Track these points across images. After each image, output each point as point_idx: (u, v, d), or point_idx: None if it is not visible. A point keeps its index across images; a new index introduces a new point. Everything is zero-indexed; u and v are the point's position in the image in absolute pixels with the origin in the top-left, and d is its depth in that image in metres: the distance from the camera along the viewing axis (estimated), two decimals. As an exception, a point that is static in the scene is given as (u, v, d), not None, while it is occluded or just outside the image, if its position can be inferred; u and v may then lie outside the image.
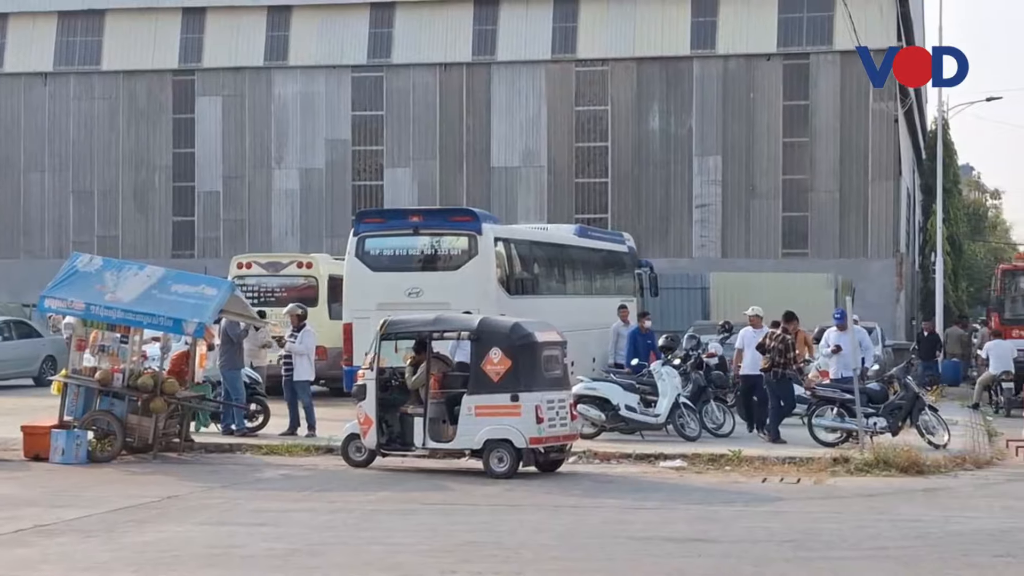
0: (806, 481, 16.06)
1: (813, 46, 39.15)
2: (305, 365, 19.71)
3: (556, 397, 16.49)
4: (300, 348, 19.70)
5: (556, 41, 40.66)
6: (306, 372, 19.70)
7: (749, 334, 20.28)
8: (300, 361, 19.69)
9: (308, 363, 19.77)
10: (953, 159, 52.19)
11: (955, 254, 48.37)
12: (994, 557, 11.26)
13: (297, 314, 20.05)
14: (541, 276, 24.96)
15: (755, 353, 19.76)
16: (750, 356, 20.00)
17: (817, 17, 39.10)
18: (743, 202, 39.51)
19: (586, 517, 13.42)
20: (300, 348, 19.70)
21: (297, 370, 19.63)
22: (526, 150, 40.85)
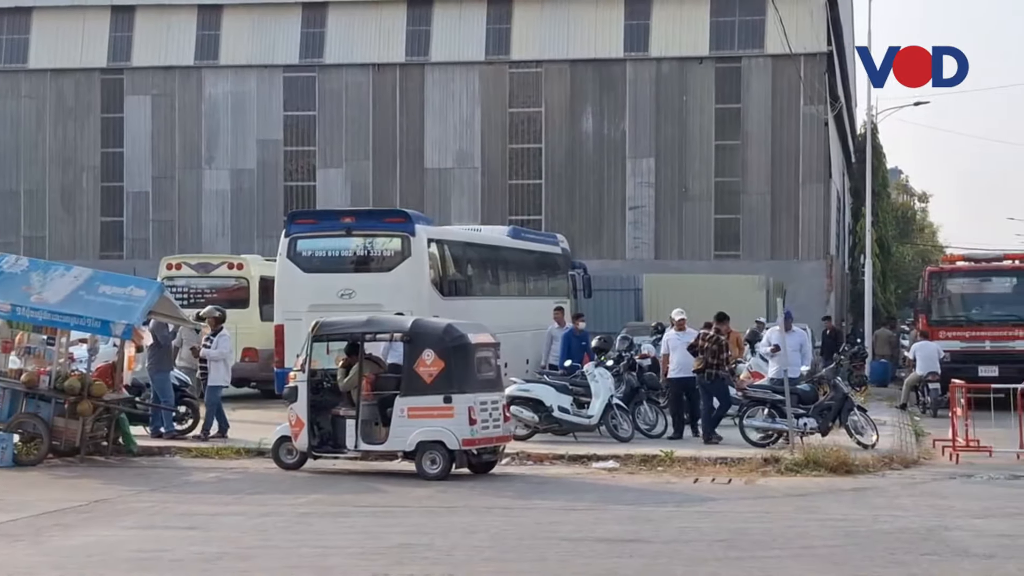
0: (737, 481, 16.17)
1: (745, 50, 39.47)
2: (220, 370, 19.56)
3: (489, 399, 16.49)
4: (214, 353, 19.53)
5: (490, 43, 40.67)
6: (220, 377, 19.55)
7: (674, 337, 20.18)
8: (216, 366, 19.53)
9: (224, 368, 19.62)
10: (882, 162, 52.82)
11: (884, 256, 48.93)
12: (921, 555, 11.40)
13: (215, 317, 19.88)
14: (475, 277, 24.92)
15: (683, 356, 19.72)
16: (677, 359, 19.89)
17: (749, 21, 39.42)
18: (676, 204, 39.74)
19: (519, 518, 13.41)
20: (214, 353, 19.53)
21: (211, 375, 19.48)
22: (460, 151, 40.82)
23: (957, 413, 19.41)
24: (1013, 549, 11.64)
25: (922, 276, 32.05)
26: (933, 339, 27.36)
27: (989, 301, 29.71)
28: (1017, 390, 18.98)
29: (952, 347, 27.36)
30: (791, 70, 38.12)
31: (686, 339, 19.79)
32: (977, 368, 26.29)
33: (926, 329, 28.26)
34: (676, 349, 19.93)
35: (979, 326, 28.59)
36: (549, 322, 24.76)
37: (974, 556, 11.35)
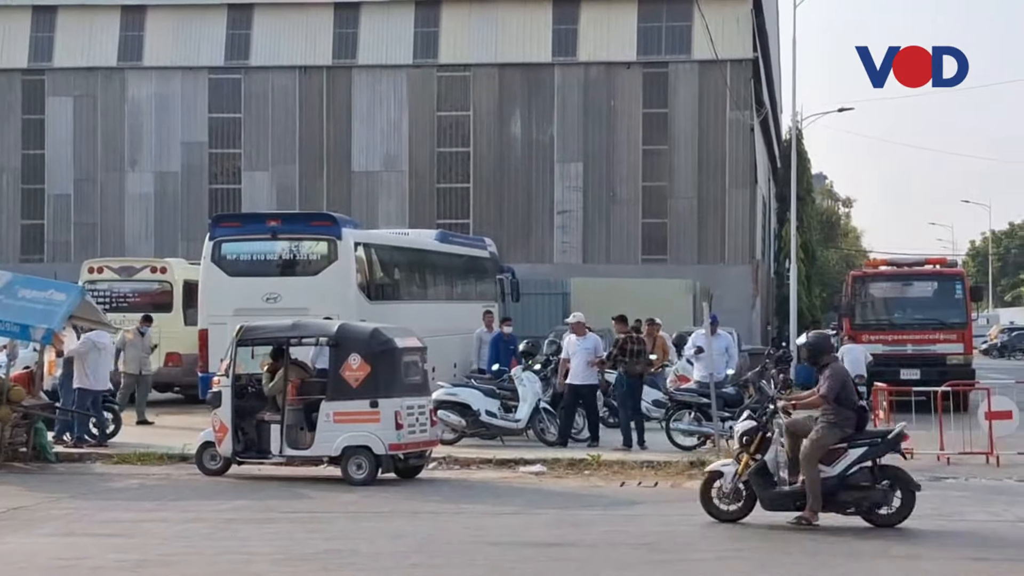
0: (664, 485, 16.21)
1: (672, 55, 39.71)
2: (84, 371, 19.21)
3: (416, 403, 16.42)
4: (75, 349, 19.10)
5: (418, 46, 40.57)
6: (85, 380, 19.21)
7: (573, 342, 19.44)
8: (78, 365, 19.21)
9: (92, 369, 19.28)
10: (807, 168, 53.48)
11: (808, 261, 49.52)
12: (845, 558, 11.50)
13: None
14: (402, 281, 24.82)
15: (582, 362, 19.15)
16: (577, 364, 19.18)
17: (676, 27, 39.68)
18: (604, 208, 39.88)
19: (445, 523, 13.36)
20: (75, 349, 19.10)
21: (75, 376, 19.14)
22: (387, 155, 40.67)
23: (879, 416, 19.62)
24: (934, 550, 11.78)
25: (846, 280, 32.42)
26: (857, 342, 27.66)
27: (911, 305, 30.12)
28: (937, 392, 19.23)
29: (875, 350, 27.67)
30: (718, 76, 38.43)
31: (586, 344, 19.24)
32: (899, 371, 26.61)
33: (849, 333, 28.57)
34: (575, 354, 19.25)
35: (901, 330, 28.96)
36: (477, 326, 24.72)
37: (895, 556, 11.48)
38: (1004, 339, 66.14)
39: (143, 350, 22.15)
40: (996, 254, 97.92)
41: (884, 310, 30.00)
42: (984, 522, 13.39)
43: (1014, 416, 18.87)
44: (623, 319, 19.85)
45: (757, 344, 36.97)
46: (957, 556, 11.49)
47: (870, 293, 29.99)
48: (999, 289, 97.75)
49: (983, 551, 11.77)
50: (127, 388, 22.15)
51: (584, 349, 19.20)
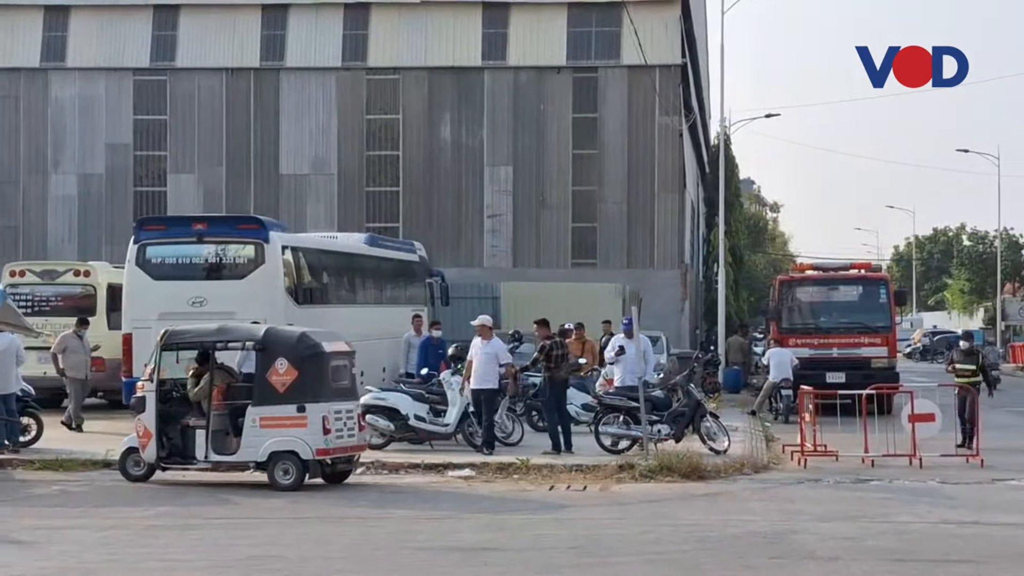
0: (592, 488, 16.26)
1: (601, 60, 39.83)
2: None
3: (344, 408, 16.34)
4: None
5: (347, 48, 40.34)
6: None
7: (477, 344, 19.14)
8: None
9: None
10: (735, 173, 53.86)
11: (736, 265, 49.82)
12: (769, 559, 11.57)
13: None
14: (330, 285, 24.65)
15: (483, 365, 18.90)
16: (477, 367, 18.91)
17: (605, 32, 39.80)
18: (534, 213, 39.91)
19: (373, 529, 13.29)
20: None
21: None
22: (316, 158, 40.41)
23: (805, 419, 19.83)
24: (857, 552, 11.89)
25: (773, 285, 32.71)
26: (784, 346, 27.91)
27: (837, 309, 30.46)
28: (862, 396, 19.46)
29: (801, 354, 27.94)
30: (647, 81, 38.60)
31: (489, 349, 19.01)
32: (825, 375, 26.87)
33: (776, 337, 28.82)
34: (476, 357, 18.96)
35: (827, 333, 29.27)
36: (406, 330, 24.62)
37: (819, 559, 11.56)
38: (927, 343, 67.20)
39: (85, 354, 21.83)
40: (920, 259, 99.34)
41: (810, 314, 30.31)
42: (907, 523, 13.55)
43: (936, 419, 19.15)
44: (545, 323, 19.85)
45: (686, 348, 37.17)
46: (880, 558, 11.60)
47: (796, 297, 30.30)
48: (922, 293, 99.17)
49: (906, 553, 11.90)
50: (79, 395, 21.86)
51: (485, 353, 18.92)
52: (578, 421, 20.80)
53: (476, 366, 18.87)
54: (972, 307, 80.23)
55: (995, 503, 15.09)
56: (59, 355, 21.55)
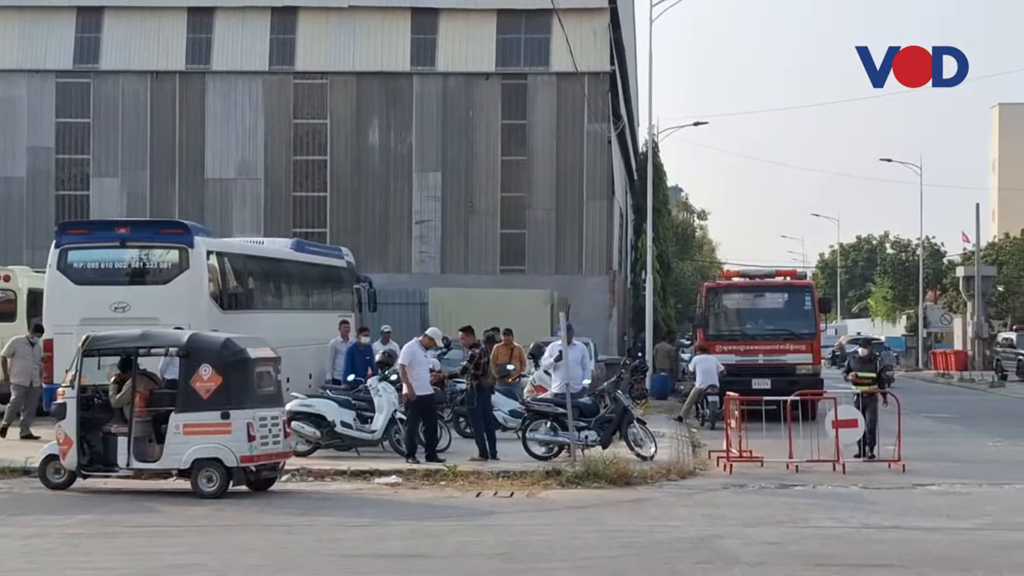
0: (519, 494, 16.23)
1: (530, 67, 39.90)
2: None
3: (269, 414, 16.22)
4: None
5: (274, 52, 40.07)
6: None
7: (419, 352, 18.94)
8: None
9: None
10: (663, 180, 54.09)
11: (664, 272, 50.11)
12: (694, 564, 11.62)
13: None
14: (256, 291, 24.43)
15: (423, 372, 18.81)
16: (421, 375, 18.77)
17: (534, 39, 39.87)
18: (462, 218, 39.87)
19: (298, 536, 13.17)
20: None
21: None
22: (242, 162, 40.07)
23: (731, 425, 19.95)
24: (781, 556, 11.97)
25: (700, 292, 32.91)
26: (710, 353, 28.07)
27: (762, 316, 30.69)
28: (787, 402, 19.61)
29: (728, 360, 28.11)
30: (576, 88, 38.73)
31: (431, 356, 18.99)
32: (751, 381, 27.06)
33: (703, 343, 28.97)
34: (420, 364, 18.80)
35: (753, 340, 29.47)
36: (333, 336, 24.47)
37: (744, 564, 11.63)
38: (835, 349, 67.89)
39: (34, 361, 21.44)
40: (844, 267, 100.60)
41: (736, 321, 30.52)
42: (831, 528, 13.67)
43: (859, 424, 19.35)
44: (470, 331, 19.80)
45: (613, 354, 37.31)
46: (804, 563, 11.69)
47: (723, 304, 30.49)
48: (847, 301, 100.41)
49: (829, 557, 12.00)
50: (18, 401, 21.48)
51: (431, 361, 19.00)
52: (505, 427, 20.79)
53: (420, 373, 18.76)
54: (895, 314, 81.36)
55: (916, 508, 15.28)
56: (8, 359, 21.33)
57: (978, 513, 14.80)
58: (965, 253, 63.65)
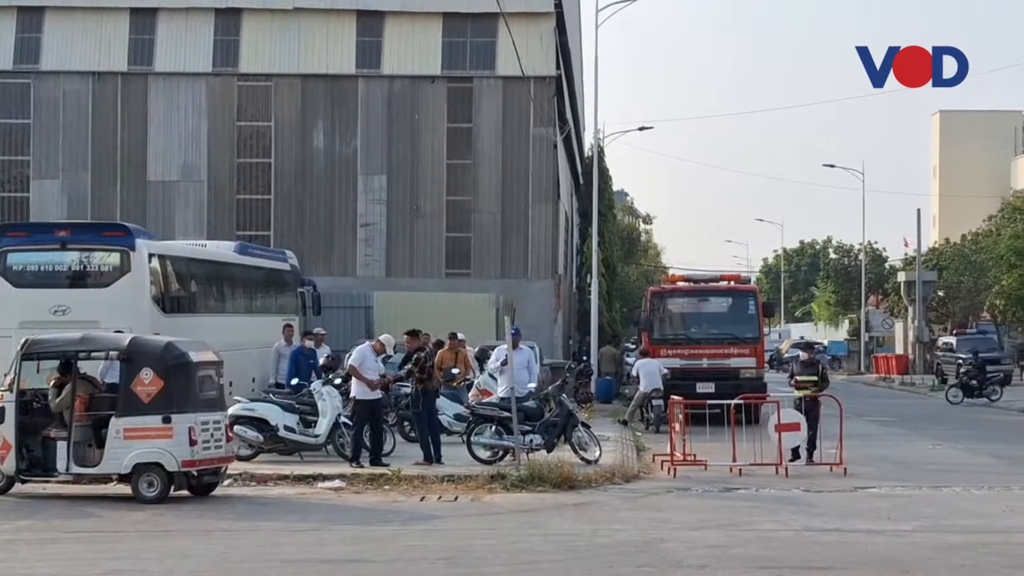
0: (464, 499, 16.21)
1: (476, 70, 39.90)
2: None
3: (211, 418, 16.12)
4: None
5: (217, 54, 39.80)
6: None
7: (371, 357, 18.95)
8: None
9: None
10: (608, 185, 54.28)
11: (610, 276, 50.26)
12: (637, 567, 11.64)
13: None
14: (199, 294, 24.22)
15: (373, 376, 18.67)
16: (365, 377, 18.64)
17: (480, 43, 39.88)
18: (407, 222, 39.78)
19: (239, 541, 13.07)
20: None
21: None
22: (185, 164, 39.76)
23: (675, 428, 20.02)
24: (724, 559, 12.03)
25: (645, 296, 33.03)
26: (655, 357, 28.15)
27: (707, 320, 30.85)
28: (731, 406, 19.71)
29: (672, 364, 28.23)
30: (522, 92, 38.78)
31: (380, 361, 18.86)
32: (695, 385, 27.18)
33: (648, 347, 29.07)
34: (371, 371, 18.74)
35: (697, 344, 29.61)
36: (277, 340, 24.32)
37: (687, 567, 11.67)
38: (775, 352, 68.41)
39: None
40: (787, 271, 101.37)
41: (681, 325, 30.65)
42: (773, 531, 13.75)
43: (802, 428, 19.48)
44: (416, 334, 19.74)
45: (559, 358, 37.39)
46: (746, 565, 11.75)
47: (668, 308, 30.61)
48: (790, 305, 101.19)
49: (771, 560, 12.06)
50: None
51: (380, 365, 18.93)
52: (450, 431, 20.75)
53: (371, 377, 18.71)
54: (838, 319, 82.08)
55: (857, 510, 15.40)
56: None
57: (917, 516, 14.94)
58: (906, 258, 64.34)
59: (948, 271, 60.52)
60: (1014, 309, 52.47)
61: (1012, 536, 13.50)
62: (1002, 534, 13.66)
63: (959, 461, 21.53)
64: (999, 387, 37.20)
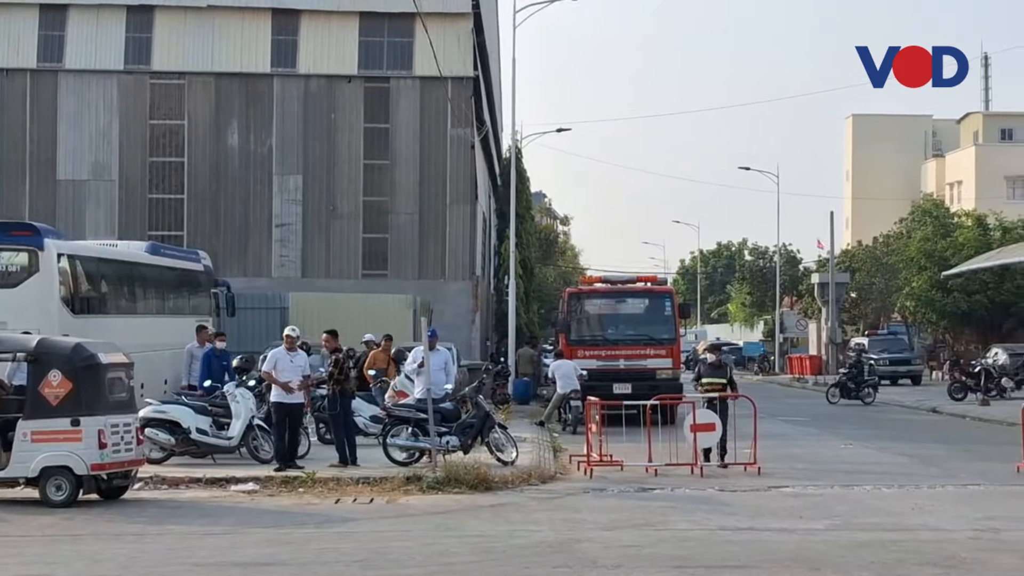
0: (379, 501, 16.11)
1: (393, 70, 39.75)
2: None
3: (121, 421, 15.89)
4: None
5: (130, 51, 39.24)
6: None
7: (284, 357, 18.63)
8: None
9: None
10: (526, 186, 54.38)
11: (527, 277, 50.34)
12: (552, 568, 11.62)
13: None
14: (110, 295, 23.85)
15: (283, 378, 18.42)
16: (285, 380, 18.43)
17: (397, 43, 39.72)
18: (324, 222, 39.51)
19: (150, 545, 12.87)
20: None
21: None
22: (96, 163, 39.14)
23: (592, 429, 20.06)
24: (638, 559, 12.05)
25: (562, 297, 33.07)
26: (572, 358, 28.20)
27: (623, 321, 30.94)
28: (647, 406, 19.78)
29: (590, 365, 28.29)
30: (439, 92, 38.70)
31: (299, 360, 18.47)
32: (612, 385, 27.26)
33: (565, 349, 29.11)
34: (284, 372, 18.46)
35: (614, 345, 29.68)
36: (189, 341, 24.00)
37: (602, 567, 11.67)
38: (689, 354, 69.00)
39: None
40: (704, 272, 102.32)
41: (598, 326, 30.71)
42: (687, 531, 13.81)
43: (717, 428, 19.61)
44: (335, 334, 19.56)
45: (476, 359, 37.35)
46: (661, 565, 11.77)
47: (585, 310, 30.66)
48: (706, 306, 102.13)
49: (685, 559, 12.10)
50: None
51: (298, 366, 18.60)
52: (366, 433, 20.62)
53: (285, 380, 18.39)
54: (753, 320, 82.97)
55: (769, 509, 15.53)
56: None
57: (829, 514, 15.10)
58: (820, 260, 65.21)
59: (860, 273, 61.44)
60: (924, 310, 53.43)
61: (920, 533, 13.69)
62: (911, 531, 13.85)
63: (871, 460, 21.82)
64: (872, 389, 38.11)
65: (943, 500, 16.50)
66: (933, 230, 55.26)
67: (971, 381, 37.83)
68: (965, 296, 50.94)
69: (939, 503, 16.19)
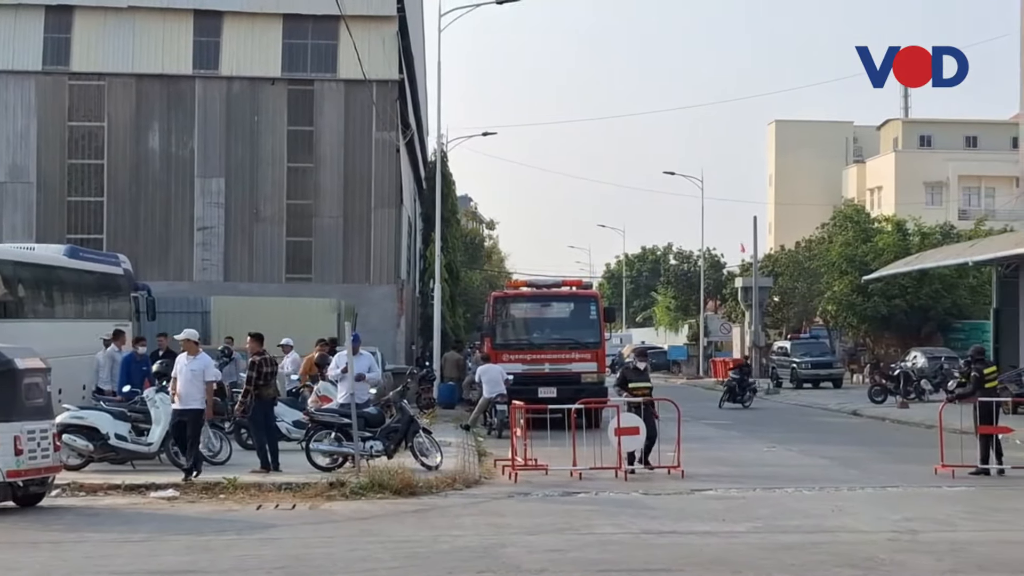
0: (302, 507, 15.96)
1: (318, 73, 39.48)
2: None
3: (38, 427, 15.66)
4: None
5: (48, 52, 38.60)
6: None
7: (183, 361, 18.17)
8: None
9: None
10: (451, 190, 54.29)
11: (453, 281, 50.26)
12: (477, 573, 11.58)
13: None
14: (27, 299, 23.45)
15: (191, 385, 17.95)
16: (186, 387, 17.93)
17: (322, 45, 39.46)
18: (247, 225, 39.14)
19: (66, 553, 12.64)
20: None
21: None
22: (13, 165, 38.44)
23: (517, 433, 20.04)
24: (562, 563, 12.04)
25: (488, 301, 33.04)
26: (497, 362, 28.18)
27: (549, 325, 30.98)
28: (572, 410, 19.79)
29: (515, 369, 28.28)
30: (364, 95, 38.50)
31: (195, 365, 18.09)
32: (538, 389, 27.29)
33: (490, 353, 29.08)
34: (182, 374, 18.03)
35: (540, 349, 29.70)
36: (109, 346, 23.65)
37: (526, 571, 11.65)
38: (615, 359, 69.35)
39: None
40: (629, 276, 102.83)
41: (524, 330, 30.73)
42: (611, 534, 13.83)
43: (640, 432, 19.67)
44: (259, 338, 19.31)
45: (401, 364, 37.20)
46: (585, 569, 11.77)
47: (511, 313, 30.67)
48: (632, 310, 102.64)
49: (609, 563, 12.11)
50: None
51: (192, 370, 18.08)
52: (289, 438, 20.42)
53: (181, 384, 18.09)
54: (678, 323, 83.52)
55: (692, 512, 15.61)
56: None
57: (751, 517, 15.19)
58: (743, 264, 65.81)
59: (783, 277, 62.09)
60: (845, 314, 54.13)
61: (840, 535, 13.82)
62: (831, 533, 13.98)
63: (793, 463, 22.01)
64: (752, 393, 39.19)
65: (863, 502, 16.69)
66: (854, 235, 56.01)
67: (891, 384, 38.42)
68: (885, 300, 51.68)
69: (859, 505, 16.37)
